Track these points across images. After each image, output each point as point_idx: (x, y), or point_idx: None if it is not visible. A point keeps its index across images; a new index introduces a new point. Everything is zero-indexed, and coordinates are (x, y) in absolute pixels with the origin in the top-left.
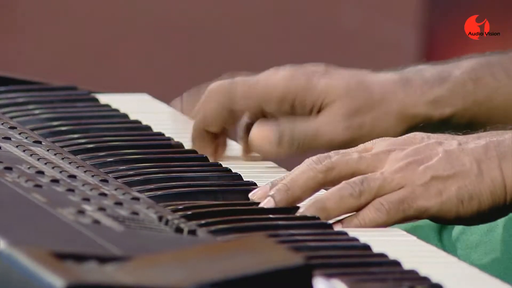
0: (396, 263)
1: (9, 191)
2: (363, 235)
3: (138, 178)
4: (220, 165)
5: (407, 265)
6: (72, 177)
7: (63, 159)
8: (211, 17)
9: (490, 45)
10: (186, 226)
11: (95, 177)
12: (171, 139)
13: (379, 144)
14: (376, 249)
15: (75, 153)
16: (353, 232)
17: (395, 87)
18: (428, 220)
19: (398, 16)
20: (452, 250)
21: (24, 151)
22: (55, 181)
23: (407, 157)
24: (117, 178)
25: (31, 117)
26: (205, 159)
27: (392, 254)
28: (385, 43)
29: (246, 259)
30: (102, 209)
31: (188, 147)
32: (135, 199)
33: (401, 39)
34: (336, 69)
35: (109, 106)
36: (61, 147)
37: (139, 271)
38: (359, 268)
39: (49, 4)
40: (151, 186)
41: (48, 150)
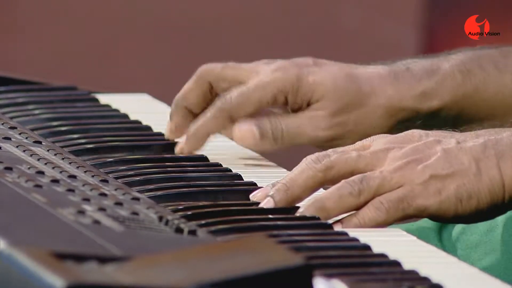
0: (396, 263)
1: (9, 191)
2: (363, 235)
3: (138, 178)
4: (220, 165)
5: (407, 265)
6: (72, 177)
7: (63, 159)
8: (211, 17)
9: (490, 45)
10: (186, 226)
11: (95, 177)
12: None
13: (377, 142)
14: (376, 249)
15: (75, 153)
16: (353, 232)
17: (383, 82)
18: (428, 220)
19: (398, 16)
20: (452, 250)
21: (24, 151)
22: (55, 181)
23: (405, 156)
24: (117, 178)
25: (31, 117)
26: (205, 159)
27: (392, 254)
28: (385, 43)
29: (246, 259)
30: (102, 209)
31: None
32: (135, 199)
33: (401, 39)
34: (324, 62)
35: (109, 106)
36: (61, 147)
37: (139, 271)
38: (359, 268)
39: (49, 4)
40: (151, 186)
41: (48, 150)
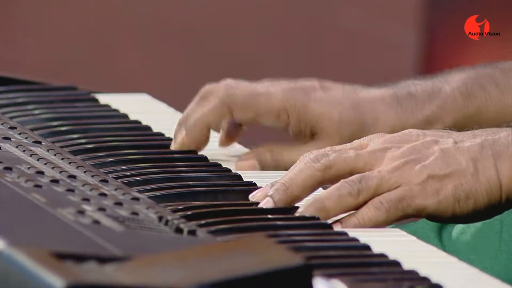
0: (396, 263)
1: (9, 191)
2: (363, 235)
3: (138, 178)
4: (220, 165)
5: (407, 265)
6: (72, 177)
7: (63, 159)
8: (211, 17)
9: (490, 45)
10: (186, 226)
11: (95, 177)
12: (171, 139)
13: (374, 141)
14: (376, 249)
15: (75, 153)
16: (353, 232)
17: (386, 108)
18: (427, 220)
19: (398, 16)
20: (452, 250)
21: (24, 151)
22: (55, 181)
23: (403, 155)
24: (117, 178)
25: (31, 117)
26: (205, 159)
27: (392, 254)
28: (385, 43)
29: (246, 259)
30: (102, 209)
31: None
32: (135, 199)
33: (401, 39)
34: (330, 87)
35: (109, 106)
36: (61, 147)
37: (139, 271)
38: (359, 268)
39: (49, 4)
40: (151, 186)
41: (48, 150)
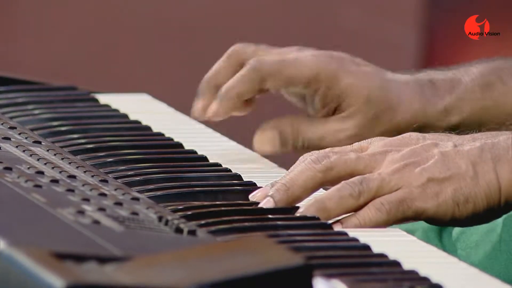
0: (396, 263)
1: (9, 191)
2: (363, 235)
3: (138, 178)
4: (220, 165)
5: (407, 265)
6: (72, 177)
7: (63, 159)
8: (211, 17)
9: (490, 45)
10: (186, 226)
11: (95, 177)
12: (171, 139)
13: (375, 144)
14: (376, 249)
15: (75, 153)
16: (353, 232)
17: (411, 94)
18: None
19: (398, 16)
20: (452, 250)
21: (24, 151)
22: (55, 181)
23: (403, 158)
24: (117, 178)
25: (31, 117)
26: (205, 159)
27: (392, 254)
28: (385, 43)
29: (246, 259)
30: (102, 209)
31: (188, 147)
32: (135, 199)
33: (401, 39)
34: (360, 62)
35: (109, 106)
36: (61, 147)
37: (139, 271)
38: (359, 268)
39: (49, 4)
40: (151, 186)
41: (48, 150)
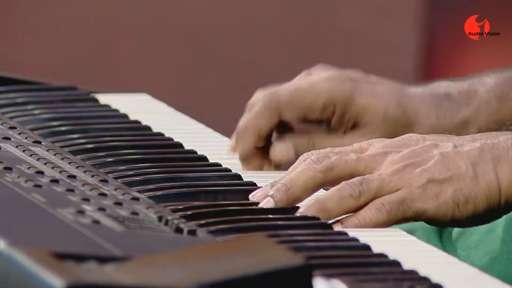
0: (396, 263)
1: (9, 191)
2: (363, 235)
3: (138, 178)
4: (220, 165)
5: (407, 265)
6: (72, 177)
7: (62, 159)
8: (211, 17)
9: (490, 45)
10: (186, 226)
11: (95, 177)
12: (171, 139)
13: (375, 145)
14: (376, 249)
15: (75, 153)
16: (353, 232)
17: (427, 110)
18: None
19: (398, 16)
20: (452, 251)
21: (24, 151)
22: (54, 181)
23: (403, 159)
24: (117, 178)
25: (31, 117)
26: (205, 159)
27: (392, 254)
28: (385, 43)
29: (246, 259)
30: (102, 209)
31: (188, 147)
32: (135, 199)
33: (401, 39)
34: (375, 80)
35: (109, 106)
36: (61, 147)
37: (139, 271)
38: (359, 268)
39: (49, 4)
40: (151, 186)
41: (47, 150)
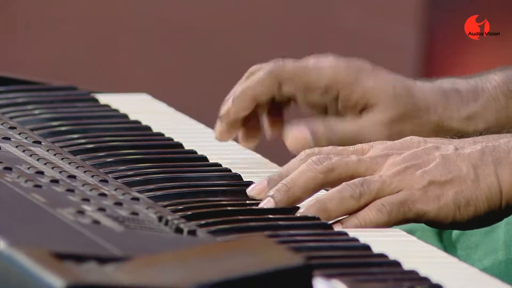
0: (396, 263)
1: (9, 191)
2: (363, 235)
3: (138, 178)
4: (220, 165)
5: (407, 265)
6: (72, 177)
7: (62, 159)
8: (211, 17)
9: (490, 45)
10: (186, 226)
11: (94, 177)
12: (171, 139)
13: (376, 147)
14: (376, 249)
15: (75, 153)
16: (353, 232)
17: (436, 99)
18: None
19: (398, 16)
20: (452, 251)
21: (23, 151)
22: (54, 181)
23: (404, 161)
24: (117, 178)
25: (31, 117)
26: (205, 159)
27: (392, 254)
28: (385, 43)
29: (246, 260)
30: (102, 209)
31: (188, 147)
32: (135, 199)
33: (401, 39)
34: (381, 70)
35: (109, 106)
36: (61, 147)
37: (139, 271)
38: (359, 268)
39: (49, 4)
40: (151, 186)
41: (47, 150)
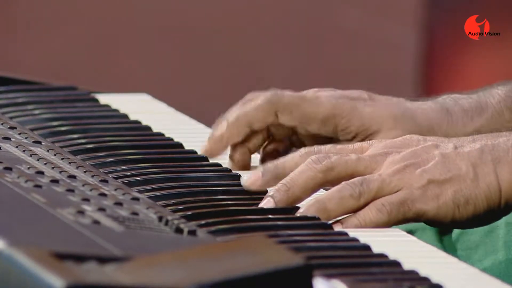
0: (396, 263)
1: (9, 191)
2: (363, 235)
3: (138, 178)
4: (220, 165)
5: (407, 265)
6: (72, 177)
7: (63, 159)
8: (211, 17)
9: (490, 45)
10: (186, 226)
11: (95, 177)
12: (171, 139)
13: (375, 145)
14: (376, 249)
15: (75, 153)
16: (353, 232)
17: (439, 117)
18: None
19: (398, 16)
20: (452, 251)
21: (24, 151)
22: (55, 181)
23: (404, 160)
24: (117, 178)
25: (31, 117)
26: (205, 159)
27: (392, 254)
28: (385, 43)
29: (246, 260)
30: (102, 209)
31: (188, 147)
32: (135, 199)
33: (401, 39)
34: (378, 97)
35: (109, 106)
36: (61, 147)
37: (139, 271)
38: (359, 268)
39: (49, 4)
40: (151, 186)
41: (48, 150)
